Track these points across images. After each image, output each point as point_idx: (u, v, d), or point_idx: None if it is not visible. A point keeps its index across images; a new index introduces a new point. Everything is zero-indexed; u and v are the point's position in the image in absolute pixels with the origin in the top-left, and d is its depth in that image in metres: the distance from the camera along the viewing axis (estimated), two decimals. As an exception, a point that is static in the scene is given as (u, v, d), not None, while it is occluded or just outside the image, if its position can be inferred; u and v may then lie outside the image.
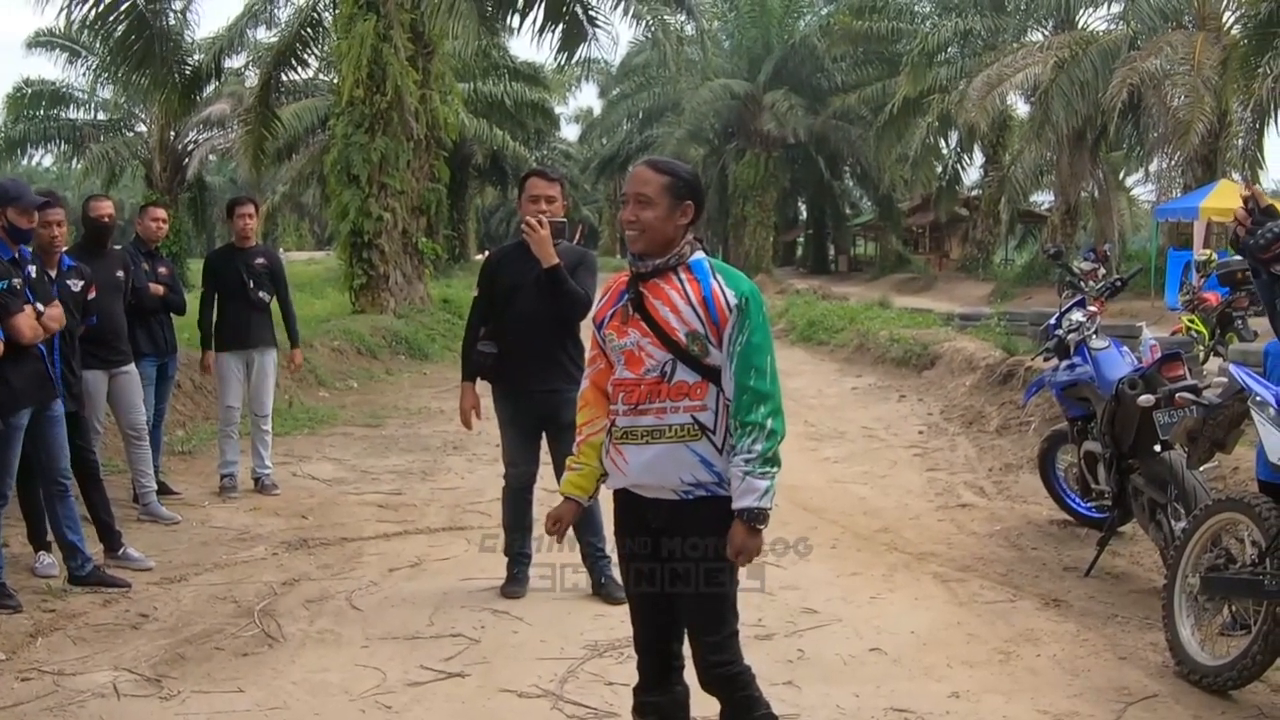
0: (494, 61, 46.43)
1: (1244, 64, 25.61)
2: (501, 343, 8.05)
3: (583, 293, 7.82)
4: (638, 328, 4.82)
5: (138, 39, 23.87)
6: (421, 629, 7.54)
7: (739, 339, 4.68)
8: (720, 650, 4.84)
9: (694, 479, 4.76)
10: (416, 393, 18.89)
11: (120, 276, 10.00)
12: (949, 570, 9.01)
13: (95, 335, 9.29)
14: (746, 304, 4.72)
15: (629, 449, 4.87)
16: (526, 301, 7.88)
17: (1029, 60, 37.04)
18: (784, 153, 59.68)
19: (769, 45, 58.91)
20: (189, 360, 13.07)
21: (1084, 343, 9.77)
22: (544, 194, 7.87)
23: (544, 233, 7.67)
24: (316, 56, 29.78)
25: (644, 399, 4.80)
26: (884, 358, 21.13)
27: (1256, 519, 6.54)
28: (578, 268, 7.94)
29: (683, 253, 4.85)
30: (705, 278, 4.80)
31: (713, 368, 4.74)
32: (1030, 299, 36.12)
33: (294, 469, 12.22)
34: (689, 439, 4.76)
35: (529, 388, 8.00)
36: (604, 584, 8.14)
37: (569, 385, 7.69)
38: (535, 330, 7.91)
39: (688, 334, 4.73)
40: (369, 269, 24.64)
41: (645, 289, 4.85)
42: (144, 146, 43.07)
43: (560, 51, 24.66)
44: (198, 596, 8.24)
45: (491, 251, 8.94)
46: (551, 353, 7.98)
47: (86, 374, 9.28)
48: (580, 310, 7.83)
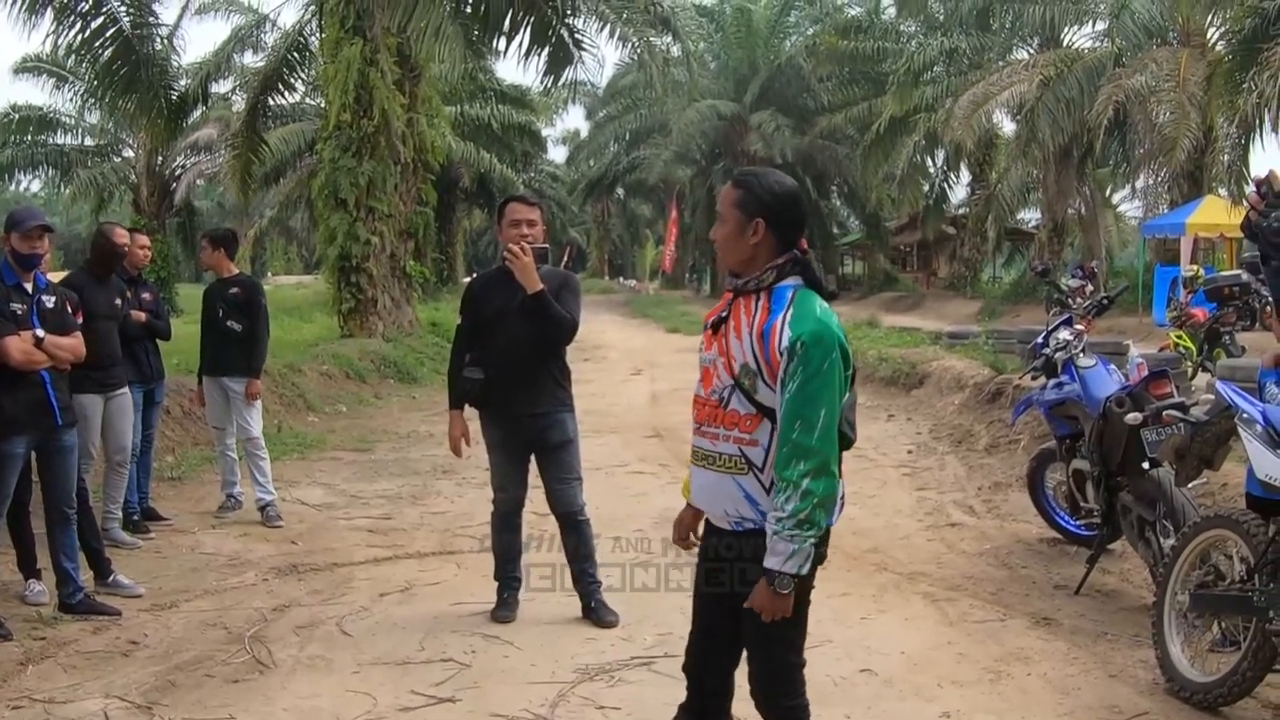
0: (480, 84, 46.50)
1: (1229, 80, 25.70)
2: (488, 368, 8.03)
3: (568, 316, 7.86)
4: (719, 344, 4.61)
5: (124, 64, 23.92)
6: (412, 654, 7.52)
7: (790, 385, 4.35)
8: (780, 685, 4.70)
9: (739, 513, 4.57)
10: (405, 417, 18.88)
11: (118, 304, 10.05)
12: (939, 590, 9.02)
13: (92, 360, 9.25)
14: (802, 349, 4.34)
15: (694, 468, 4.74)
16: (512, 327, 7.88)
17: (1015, 78, 37.08)
18: (771, 173, 59.65)
19: (755, 66, 59.11)
20: (177, 386, 13.08)
21: (1071, 361, 9.79)
22: (524, 218, 7.90)
23: (527, 259, 7.68)
24: (303, 81, 29.79)
25: (706, 420, 4.64)
26: (872, 377, 21.14)
27: (1245, 536, 6.56)
28: (561, 290, 7.95)
29: (763, 277, 4.54)
30: (777, 309, 4.48)
31: (765, 405, 4.48)
32: (1018, 317, 36.18)
33: (284, 494, 12.19)
34: (735, 471, 4.54)
35: (516, 412, 8.01)
36: (594, 608, 8.18)
37: (557, 408, 7.96)
38: (521, 355, 7.92)
39: (741, 366, 4.49)
40: (357, 293, 24.65)
41: (736, 304, 4.62)
42: (132, 171, 43.08)
43: (546, 74, 24.69)
44: (188, 623, 8.23)
45: (473, 278, 8.96)
46: (538, 377, 8.02)
47: (83, 398, 9.32)
48: (566, 334, 7.93)
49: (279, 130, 37.84)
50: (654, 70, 26.70)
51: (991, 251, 57.62)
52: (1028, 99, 36.14)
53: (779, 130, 55.25)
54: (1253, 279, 19.78)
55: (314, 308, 34.62)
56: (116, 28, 23.40)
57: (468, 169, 49.17)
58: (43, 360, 7.94)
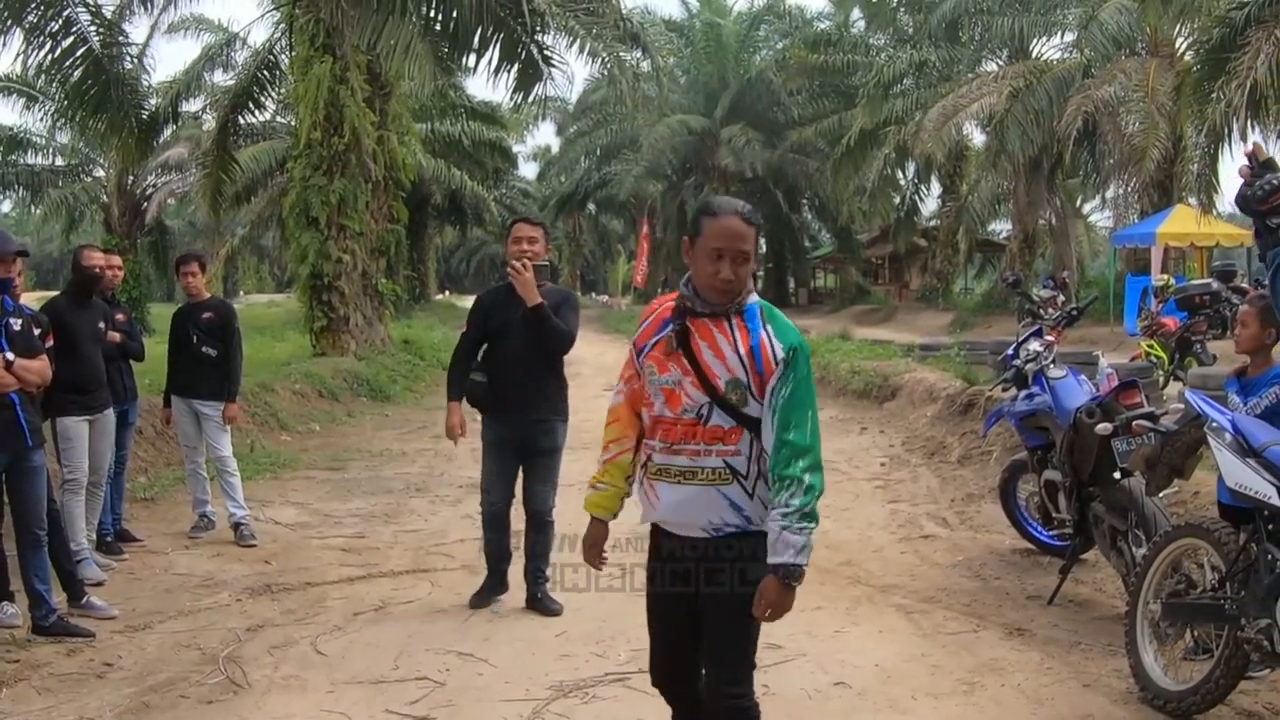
0: (451, 101, 46.48)
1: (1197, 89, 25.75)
2: (492, 374, 8.71)
3: (566, 329, 8.54)
4: (679, 365, 4.71)
5: (94, 84, 23.76)
6: (386, 673, 7.51)
7: (782, 391, 4.57)
8: (738, 683, 4.80)
9: (722, 520, 4.71)
10: (378, 435, 18.84)
11: (101, 327, 10.05)
12: (912, 602, 9.05)
13: (76, 384, 9.38)
14: (794, 357, 4.61)
15: (662, 485, 4.80)
16: (514, 338, 8.56)
17: (984, 90, 37.25)
18: (742, 187, 59.69)
19: (725, 80, 59.29)
20: (151, 406, 13.04)
21: (1042, 372, 9.83)
22: (526, 236, 8.61)
23: (527, 275, 8.35)
24: (274, 99, 29.69)
25: (680, 439, 4.71)
26: (845, 390, 21.18)
27: (1216, 544, 6.60)
28: (561, 306, 8.62)
29: (743, 300, 4.72)
30: (756, 326, 4.67)
31: (749, 416, 4.65)
32: (990, 328, 36.25)
33: (257, 514, 12.14)
34: (720, 482, 4.69)
35: (515, 415, 8.68)
36: (539, 599, 8.83)
37: (553, 416, 8.70)
38: (522, 364, 8.58)
39: (729, 381, 4.62)
40: (329, 311, 24.56)
41: (692, 325, 4.72)
42: (103, 191, 42.89)
43: (516, 91, 24.58)
44: (162, 644, 8.20)
45: (483, 292, 9.44)
46: (538, 385, 8.67)
47: (68, 422, 9.45)
48: (563, 344, 8.63)
49: (250, 149, 37.72)
50: (624, 86, 26.70)
51: (963, 263, 57.85)
52: (997, 110, 36.29)
53: (749, 144, 55.45)
54: (1223, 287, 19.88)
55: (286, 326, 34.53)
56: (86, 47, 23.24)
57: (439, 186, 49.13)
58: (11, 383, 7.93)
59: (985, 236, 56.45)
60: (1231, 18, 23.89)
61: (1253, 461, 6.32)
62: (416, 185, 36.09)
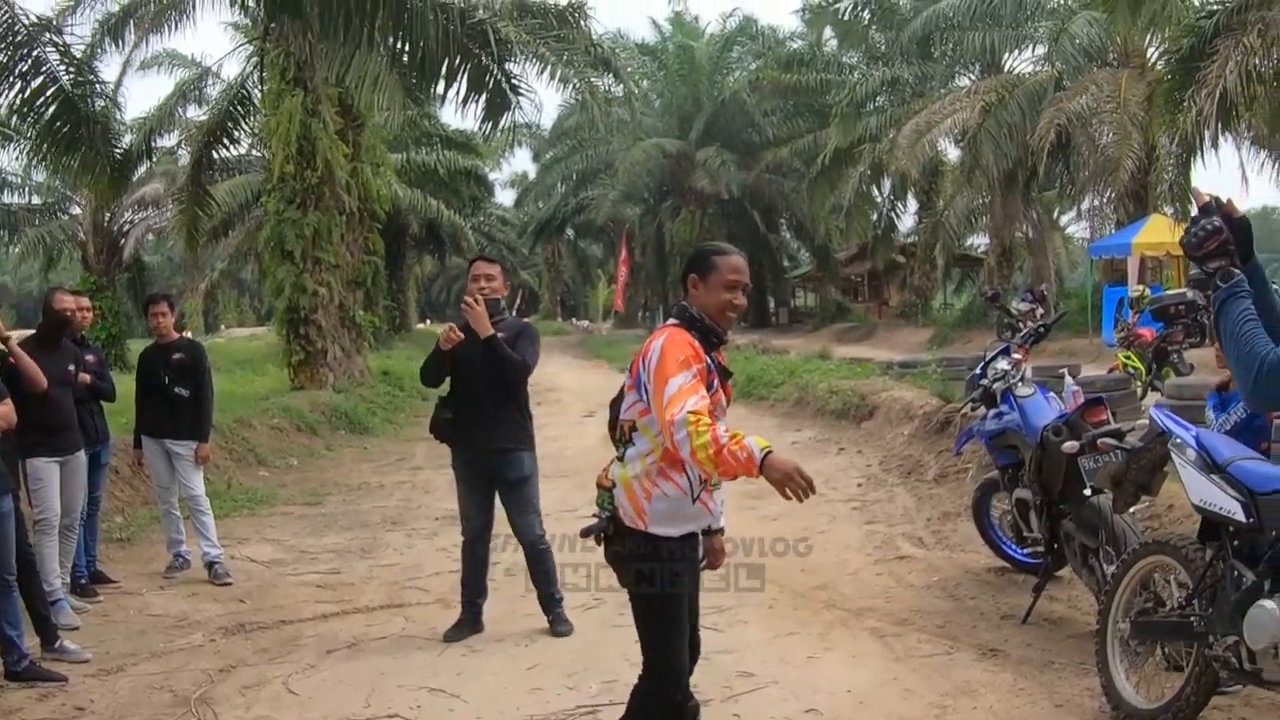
0: (426, 130, 46.44)
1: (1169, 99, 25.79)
2: (455, 407, 9.04)
3: (520, 359, 8.80)
4: (728, 394, 5.60)
5: (66, 122, 23.68)
6: (358, 711, 7.50)
7: None
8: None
9: None
10: (357, 468, 18.81)
11: (71, 370, 10.06)
12: (886, 625, 9.05)
13: (47, 426, 9.42)
14: None
15: (711, 497, 5.54)
16: (472, 370, 8.83)
17: (957, 106, 37.34)
18: (719, 208, 59.94)
19: (699, 102, 59.40)
20: (125, 446, 13.00)
21: (1010, 390, 9.84)
22: (484, 274, 9.00)
23: (479, 309, 8.66)
24: (247, 133, 29.70)
25: None
26: (823, 410, 21.18)
27: (1183, 561, 6.59)
28: (519, 338, 8.94)
29: None
30: None
31: None
32: (969, 342, 36.27)
33: (233, 552, 12.13)
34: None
35: (478, 446, 8.97)
36: (552, 621, 9.15)
37: (516, 445, 8.96)
38: (481, 395, 8.88)
39: None
40: (306, 344, 24.51)
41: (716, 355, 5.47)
42: (79, 229, 42.79)
43: (485, 120, 24.62)
44: (135, 687, 8.18)
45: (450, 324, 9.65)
46: (498, 414, 8.94)
47: (38, 463, 9.47)
48: (518, 375, 8.90)
49: (225, 183, 37.69)
50: (596, 111, 26.81)
51: (941, 279, 57.86)
52: (970, 126, 36.39)
53: (725, 166, 55.69)
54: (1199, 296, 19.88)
55: (266, 360, 34.43)
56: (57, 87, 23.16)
57: (416, 216, 49.04)
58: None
59: (963, 251, 56.49)
60: (1200, 27, 23.98)
61: (1216, 478, 6.32)
62: (393, 215, 36.18)
